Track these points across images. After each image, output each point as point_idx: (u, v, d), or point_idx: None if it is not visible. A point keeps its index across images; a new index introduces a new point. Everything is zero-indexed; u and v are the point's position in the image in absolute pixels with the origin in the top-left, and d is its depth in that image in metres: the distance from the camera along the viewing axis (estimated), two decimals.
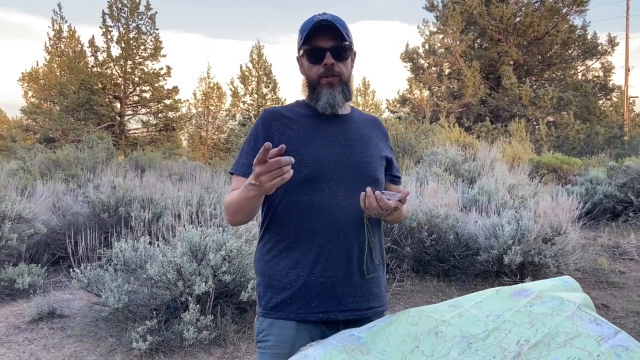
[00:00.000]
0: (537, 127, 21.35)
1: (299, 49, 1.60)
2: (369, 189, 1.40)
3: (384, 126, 1.79)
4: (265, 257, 1.58)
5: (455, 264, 5.18)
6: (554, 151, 15.54)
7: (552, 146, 18.91)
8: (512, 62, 26.07)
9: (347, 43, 1.55)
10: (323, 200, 1.50)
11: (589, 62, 26.79)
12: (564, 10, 25.61)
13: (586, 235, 7.19)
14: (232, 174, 1.61)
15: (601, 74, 26.41)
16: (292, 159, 1.22)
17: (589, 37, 26.10)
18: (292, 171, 1.23)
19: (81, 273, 3.95)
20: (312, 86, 1.59)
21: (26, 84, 31.53)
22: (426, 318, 1.30)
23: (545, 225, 4.91)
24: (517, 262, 4.64)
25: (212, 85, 36.27)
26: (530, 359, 1.07)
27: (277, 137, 1.54)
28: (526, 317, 1.21)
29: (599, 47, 25.78)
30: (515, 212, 5.28)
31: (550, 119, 23.38)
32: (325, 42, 1.53)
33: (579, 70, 27.20)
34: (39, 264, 5.11)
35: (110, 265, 4.04)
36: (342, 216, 1.50)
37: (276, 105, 1.67)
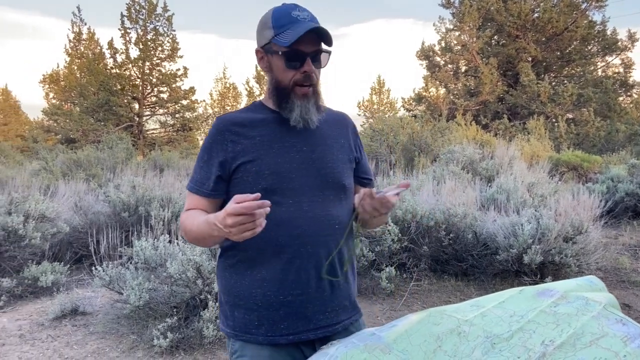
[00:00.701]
0: (556, 124, 21.05)
1: (267, 44, 1.43)
2: (368, 190, 1.35)
3: (352, 122, 1.65)
4: (227, 273, 1.48)
5: (473, 263, 5.14)
6: (573, 149, 15.32)
7: (571, 144, 18.65)
8: (530, 59, 25.76)
9: (331, 49, 1.43)
10: (287, 213, 1.39)
11: (608, 58, 26.37)
12: (583, 6, 25.24)
13: (607, 234, 7.07)
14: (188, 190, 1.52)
15: (621, 70, 25.98)
16: (268, 208, 1.14)
17: (608, 32, 25.68)
18: (264, 222, 1.16)
19: (103, 271, 4.01)
20: (285, 92, 1.43)
21: (47, 86, 32.02)
22: (448, 318, 1.29)
23: (566, 224, 4.84)
24: (538, 261, 4.59)
25: (228, 85, 36.47)
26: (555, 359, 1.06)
27: (231, 149, 1.42)
28: (551, 317, 1.20)
29: (619, 43, 25.35)
30: (535, 210, 5.22)
31: (570, 116, 23.05)
32: (307, 47, 1.38)
33: (598, 67, 26.76)
34: (62, 262, 5.20)
35: (131, 263, 4.10)
36: (308, 228, 1.40)
37: (231, 112, 1.54)
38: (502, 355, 1.11)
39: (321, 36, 1.39)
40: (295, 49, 1.37)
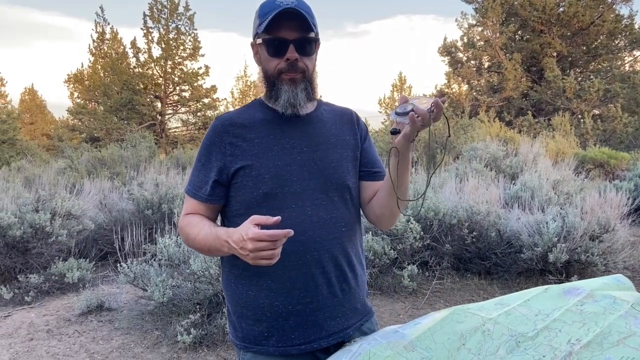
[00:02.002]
0: (582, 120, 20.63)
1: (255, 35, 1.39)
2: (411, 114, 1.22)
3: (356, 116, 1.56)
4: (233, 284, 1.42)
5: (497, 262, 5.08)
6: (600, 145, 15.00)
7: (598, 140, 18.27)
8: (555, 54, 25.28)
9: (313, 35, 1.35)
10: (290, 219, 1.32)
11: (636, 53, 25.69)
12: (610, 0, 24.66)
13: (635, 232, 6.91)
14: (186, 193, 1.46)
15: None
16: (291, 233, 1.11)
17: (636, 26, 25.03)
18: (279, 252, 1.13)
19: (127, 268, 4.08)
20: (271, 82, 1.38)
21: (72, 85, 32.60)
22: (472, 316, 1.28)
23: (593, 222, 4.75)
24: (563, 260, 4.51)
25: (249, 83, 36.65)
26: (582, 359, 1.04)
27: (230, 152, 1.37)
28: (577, 316, 1.18)
29: None
30: (561, 208, 5.14)
31: (596, 112, 22.56)
32: (288, 33, 1.32)
33: (626, 61, 26.12)
34: (88, 259, 5.30)
35: (155, 260, 4.15)
36: (313, 233, 1.34)
37: (231, 110, 1.49)
38: (527, 354, 1.09)
39: (302, 20, 1.31)
40: (276, 36, 1.32)
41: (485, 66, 27.29)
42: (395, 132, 1.30)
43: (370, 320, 1.52)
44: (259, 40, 1.36)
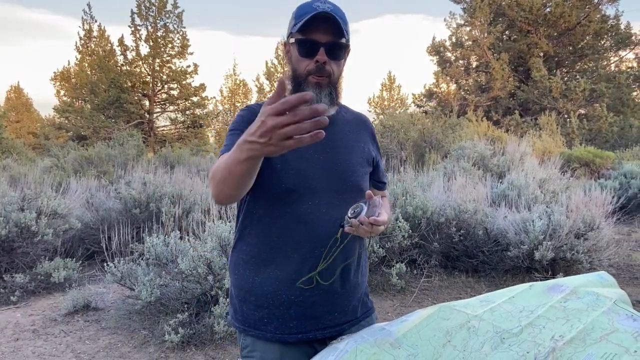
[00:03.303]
0: (568, 120, 20.85)
1: (289, 35, 1.43)
2: (354, 220, 1.25)
3: (370, 124, 1.64)
4: (241, 269, 1.47)
5: (484, 260, 5.12)
6: (586, 144, 15.17)
7: (584, 139, 18.48)
8: (542, 54, 25.53)
9: (344, 41, 1.39)
10: (305, 214, 1.39)
11: (622, 53, 26.07)
12: (596, 0, 24.93)
13: (620, 230, 7.01)
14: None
15: (635, 64, 25.64)
16: (308, 96, 0.90)
17: (622, 27, 25.36)
18: (323, 133, 0.91)
19: (115, 267, 4.05)
20: (298, 82, 1.41)
21: (58, 83, 32.28)
22: (458, 313, 1.29)
23: (578, 220, 4.81)
24: (549, 257, 4.56)
25: (238, 82, 36.55)
26: (565, 355, 1.06)
27: None
28: (561, 312, 1.20)
29: (633, 37, 25.03)
30: (547, 207, 5.19)
31: (582, 111, 22.83)
32: (321, 36, 1.36)
33: (611, 61, 26.47)
34: (74, 258, 5.25)
35: (142, 259, 4.13)
36: (322, 230, 1.39)
37: (254, 103, 1.51)
38: (511, 350, 1.11)
39: (335, 25, 1.35)
40: (309, 37, 1.36)
41: (473, 66, 27.48)
42: (341, 226, 1.33)
43: (370, 316, 1.57)
44: (292, 40, 1.40)
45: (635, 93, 25.53)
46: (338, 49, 1.39)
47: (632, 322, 1.14)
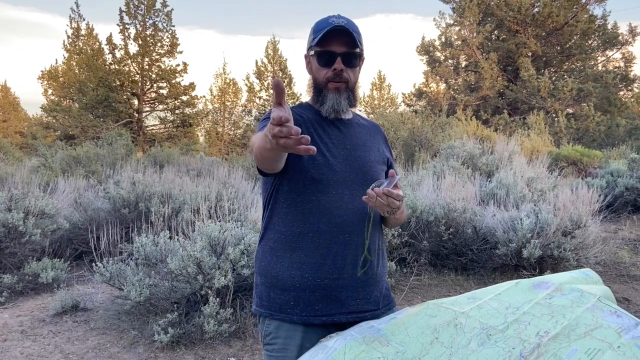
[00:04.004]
0: (556, 119, 21.04)
1: (309, 48, 1.60)
2: (370, 190, 1.37)
3: (383, 132, 1.81)
4: (268, 256, 1.58)
5: (473, 258, 5.16)
6: (573, 143, 15.31)
7: (571, 138, 18.64)
8: (530, 54, 25.71)
9: (358, 50, 1.54)
10: (330, 202, 1.51)
11: (609, 53, 26.31)
12: (584, 0, 25.16)
13: (607, 228, 7.09)
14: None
15: (622, 64, 25.91)
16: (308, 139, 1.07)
17: (609, 27, 25.61)
18: (314, 149, 1.08)
19: (103, 267, 4.02)
20: (319, 89, 1.58)
21: (46, 82, 31.95)
22: (445, 310, 1.31)
23: (565, 219, 4.86)
24: (536, 255, 4.61)
25: (228, 81, 36.42)
26: (549, 350, 1.08)
27: None
28: (546, 309, 1.22)
29: (620, 37, 25.28)
30: (534, 205, 5.24)
31: (570, 110, 23.03)
32: (337, 47, 1.52)
33: (599, 61, 26.71)
34: (62, 259, 5.21)
35: (131, 259, 4.11)
36: (347, 218, 1.52)
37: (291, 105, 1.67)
38: (497, 346, 1.12)
39: (349, 37, 1.50)
40: (326, 49, 1.52)
41: (463, 65, 27.62)
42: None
43: (390, 311, 1.62)
44: (312, 52, 1.57)
45: (622, 92, 25.83)
46: (353, 58, 1.54)
47: (615, 318, 1.16)
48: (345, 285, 1.51)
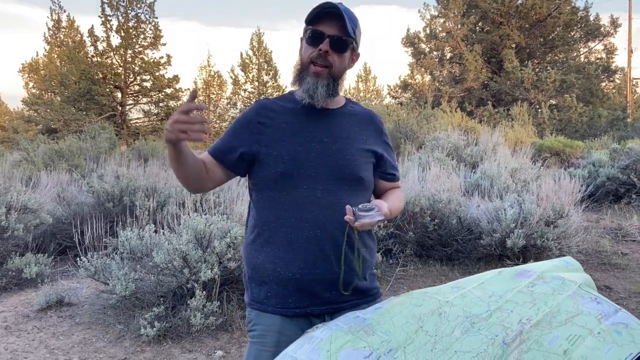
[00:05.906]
0: (539, 110, 21.25)
1: (304, 30, 1.58)
2: (347, 217, 1.38)
3: (378, 121, 1.73)
4: (248, 249, 1.61)
5: (458, 248, 5.21)
6: (556, 134, 15.50)
7: (554, 129, 18.86)
8: (514, 45, 25.89)
9: (349, 38, 1.52)
10: (301, 197, 1.50)
11: (591, 44, 26.64)
12: None
13: (589, 217, 7.20)
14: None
15: (604, 55, 26.25)
16: (207, 122, 1.31)
17: (591, 18, 25.89)
18: (203, 136, 1.30)
19: (88, 262, 3.99)
20: (301, 69, 1.55)
21: (27, 75, 31.43)
22: (430, 299, 1.32)
23: (548, 209, 4.93)
24: (520, 245, 4.67)
25: (212, 73, 36.12)
26: (531, 337, 1.10)
27: (256, 130, 1.55)
28: (528, 296, 1.24)
29: (602, 29, 25.60)
30: (518, 195, 5.30)
31: (553, 102, 23.25)
32: (328, 29, 1.49)
33: (581, 53, 27.02)
34: (46, 254, 5.15)
35: (116, 253, 4.08)
36: (320, 214, 1.50)
37: (271, 97, 1.67)
38: (480, 334, 1.14)
39: (342, 22, 1.48)
40: (315, 28, 1.50)
41: (447, 57, 27.71)
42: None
43: (372, 301, 1.61)
44: (304, 34, 1.55)
45: (603, 84, 26.16)
46: (342, 43, 1.51)
47: (595, 304, 1.19)
48: (318, 280, 1.50)
